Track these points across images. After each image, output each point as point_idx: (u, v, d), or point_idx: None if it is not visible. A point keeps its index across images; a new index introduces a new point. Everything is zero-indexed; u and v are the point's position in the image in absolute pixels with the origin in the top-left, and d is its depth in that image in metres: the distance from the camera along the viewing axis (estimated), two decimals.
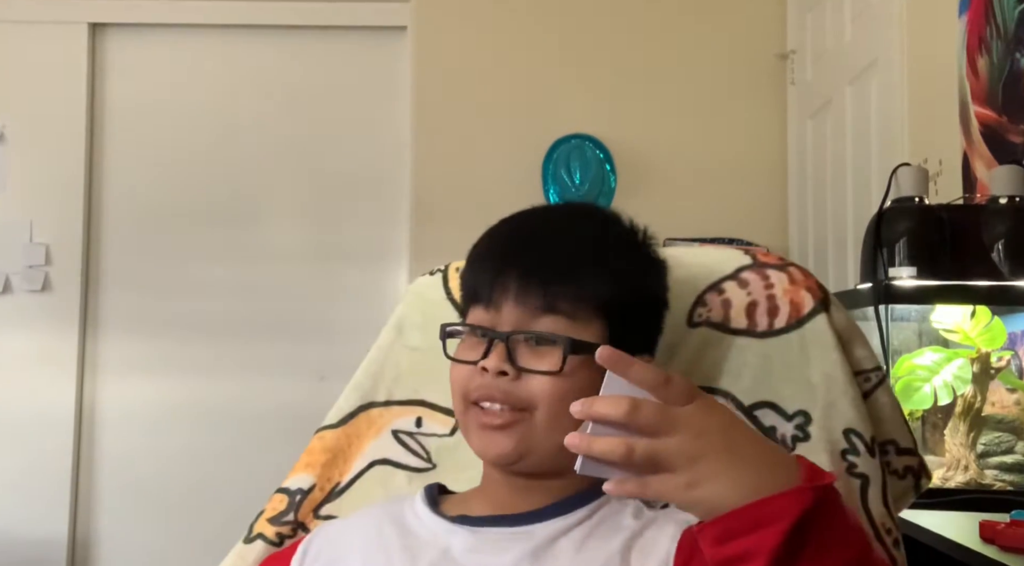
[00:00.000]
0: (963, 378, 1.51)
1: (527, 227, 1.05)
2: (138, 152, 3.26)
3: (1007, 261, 1.56)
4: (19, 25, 3.23)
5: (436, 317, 1.13)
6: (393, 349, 1.21)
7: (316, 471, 1.17)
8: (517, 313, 0.95)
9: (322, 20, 3.26)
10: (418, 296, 1.22)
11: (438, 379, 1.11)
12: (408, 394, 1.19)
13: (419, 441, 1.17)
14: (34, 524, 3.10)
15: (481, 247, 1.04)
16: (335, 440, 1.18)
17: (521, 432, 0.94)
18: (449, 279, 1.20)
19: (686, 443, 0.71)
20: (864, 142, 2.46)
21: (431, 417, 1.17)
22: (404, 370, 1.20)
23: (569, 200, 0.91)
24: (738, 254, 1.11)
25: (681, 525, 0.91)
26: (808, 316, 1.05)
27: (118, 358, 3.21)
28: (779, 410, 1.03)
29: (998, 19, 1.84)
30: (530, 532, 0.94)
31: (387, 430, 1.18)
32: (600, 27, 3.17)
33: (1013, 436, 1.52)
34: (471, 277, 1.01)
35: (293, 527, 1.13)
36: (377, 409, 1.19)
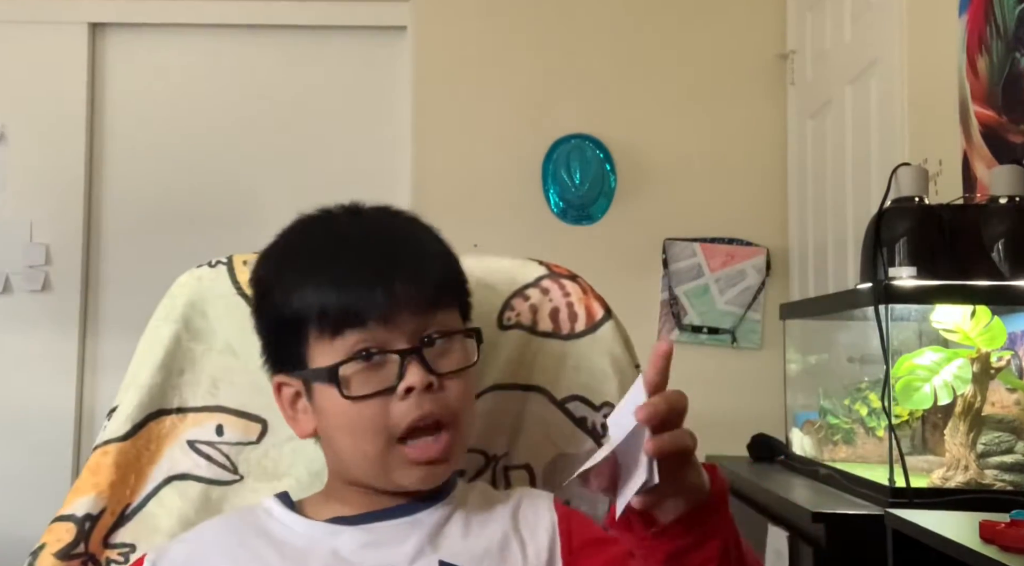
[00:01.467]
0: (963, 378, 1.51)
1: (363, 230, 1.00)
2: (138, 152, 3.26)
3: (1007, 261, 1.56)
4: (19, 25, 3.23)
5: (229, 314, 1.11)
6: (180, 349, 1.11)
7: (104, 492, 1.05)
8: (412, 321, 0.92)
9: (322, 20, 3.26)
10: (201, 290, 1.14)
11: (237, 382, 1.09)
12: (204, 400, 1.10)
13: (221, 450, 1.08)
14: (34, 523, 3.09)
15: (328, 265, 0.95)
16: (123, 455, 1.06)
17: (454, 450, 0.94)
18: (236, 272, 1.13)
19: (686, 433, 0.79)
20: (864, 142, 2.46)
21: (233, 424, 1.09)
22: (198, 373, 1.11)
23: (384, 208, 0.91)
24: (534, 264, 1.20)
25: (549, 497, 0.99)
26: (601, 321, 1.17)
27: (118, 358, 3.18)
28: (588, 403, 1.14)
29: (998, 19, 1.84)
30: (418, 520, 0.93)
31: (182, 440, 1.08)
32: (600, 27, 3.17)
33: (1013, 436, 1.52)
34: (336, 300, 0.91)
35: (84, 561, 1.02)
36: (170, 418, 1.09)
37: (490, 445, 1.10)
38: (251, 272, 1.05)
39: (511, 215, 3.09)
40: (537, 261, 1.21)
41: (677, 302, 3.08)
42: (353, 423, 0.91)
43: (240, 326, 1.09)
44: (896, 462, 1.52)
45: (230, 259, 1.16)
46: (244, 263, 1.14)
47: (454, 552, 0.92)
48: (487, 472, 1.10)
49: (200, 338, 1.12)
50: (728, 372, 3.03)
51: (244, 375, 1.09)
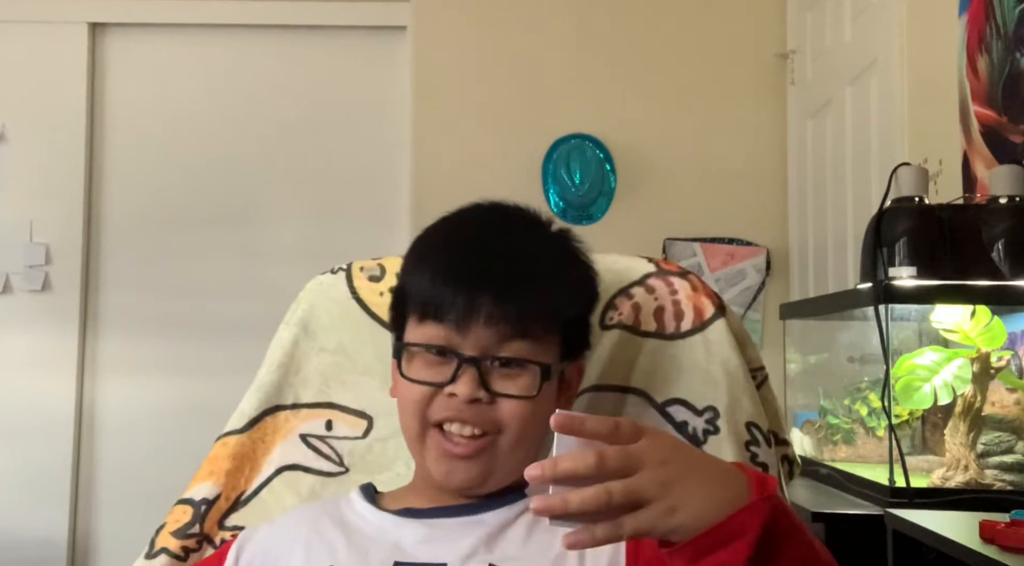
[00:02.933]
0: (963, 378, 1.51)
1: (489, 240, 1.00)
2: (138, 152, 3.26)
3: (1007, 261, 1.56)
4: (19, 25, 3.22)
5: (343, 318, 1.18)
6: (298, 350, 1.18)
7: (220, 479, 1.13)
8: (487, 336, 0.94)
9: (322, 20, 3.26)
10: (321, 295, 1.20)
11: (348, 381, 1.16)
12: (316, 397, 1.16)
13: (330, 444, 1.15)
14: (34, 524, 3.10)
15: (442, 256, 0.98)
16: (240, 446, 1.14)
17: (486, 458, 0.95)
18: (354, 278, 1.20)
19: (655, 473, 0.71)
20: (864, 142, 2.46)
21: (341, 420, 1.15)
22: (312, 372, 1.17)
23: (527, 216, 0.92)
24: (643, 262, 1.18)
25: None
26: (710, 320, 1.13)
27: (118, 358, 3.20)
28: (689, 406, 1.11)
29: (998, 19, 1.84)
30: (481, 521, 0.95)
31: (295, 434, 1.15)
32: (600, 27, 3.17)
33: (1013, 436, 1.52)
34: (428, 290, 0.96)
35: (199, 540, 1.09)
36: (284, 413, 1.16)
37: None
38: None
39: None
40: (647, 258, 1.18)
41: None
42: (404, 398, 0.98)
43: (352, 329, 1.18)
44: (896, 462, 1.52)
45: (349, 266, 1.22)
46: (361, 270, 1.21)
47: (508, 556, 0.92)
48: None
49: (315, 339, 1.18)
50: None
51: (353, 374, 1.16)
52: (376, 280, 1.20)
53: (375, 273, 1.21)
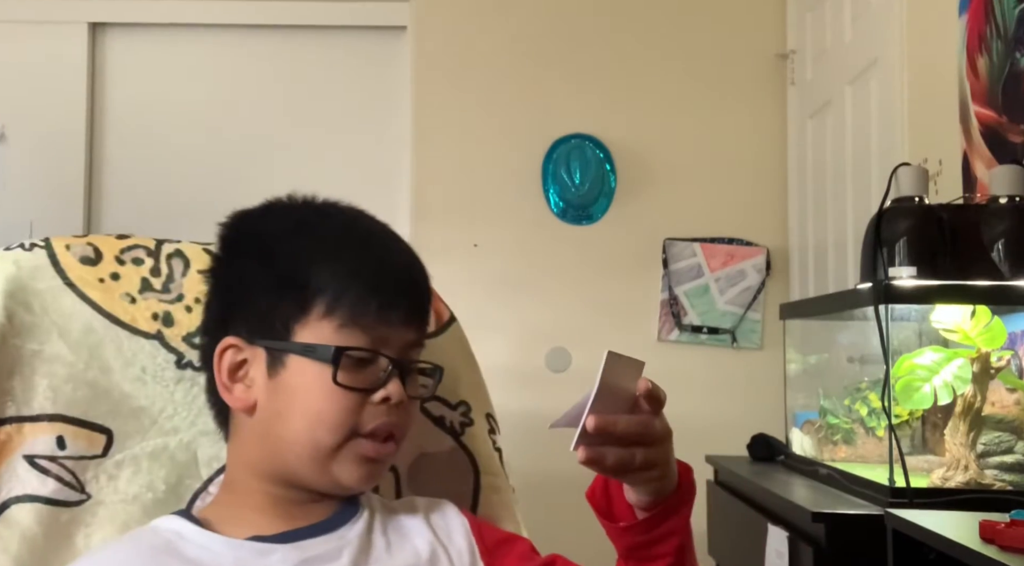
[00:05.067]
0: (963, 378, 1.51)
1: (389, 242, 1.00)
2: (138, 152, 3.26)
3: (1007, 261, 1.56)
4: (19, 25, 3.22)
5: (57, 308, 1.00)
6: (6, 348, 0.97)
7: None
8: (408, 338, 0.95)
9: (322, 20, 3.26)
10: (20, 280, 1.01)
11: (77, 387, 0.98)
12: (42, 407, 0.96)
13: (64, 466, 0.96)
14: None
15: (362, 255, 0.95)
16: None
17: (391, 462, 0.99)
18: (59, 258, 1.03)
19: (667, 447, 0.85)
20: (864, 142, 2.46)
21: (74, 435, 0.96)
22: (30, 377, 0.97)
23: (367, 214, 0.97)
24: None
25: (452, 504, 1.01)
26: (448, 322, 1.19)
27: None
28: (445, 402, 1.15)
29: (998, 19, 1.84)
30: (342, 536, 0.92)
31: (19, 455, 0.95)
32: (600, 27, 3.17)
33: (1013, 436, 1.52)
34: (356, 292, 0.91)
35: None
36: (3, 430, 0.95)
37: None
38: (235, 222, 1.01)
39: (511, 215, 3.09)
40: None
41: (677, 302, 3.08)
42: (322, 409, 0.89)
43: (73, 324, 1.00)
44: (896, 462, 1.52)
45: (48, 242, 1.05)
46: (67, 248, 1.05)
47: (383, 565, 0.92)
48: None
49: (29, 336, 0.98)
50: (728, 372, 3.03)
51: (83, 379, 0.99)
52: (91, 263, 1.05)
53: (87, 254, 1.05)
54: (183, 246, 1.14)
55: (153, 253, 1.09)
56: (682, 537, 0.88)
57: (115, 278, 1.05)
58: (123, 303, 1.03)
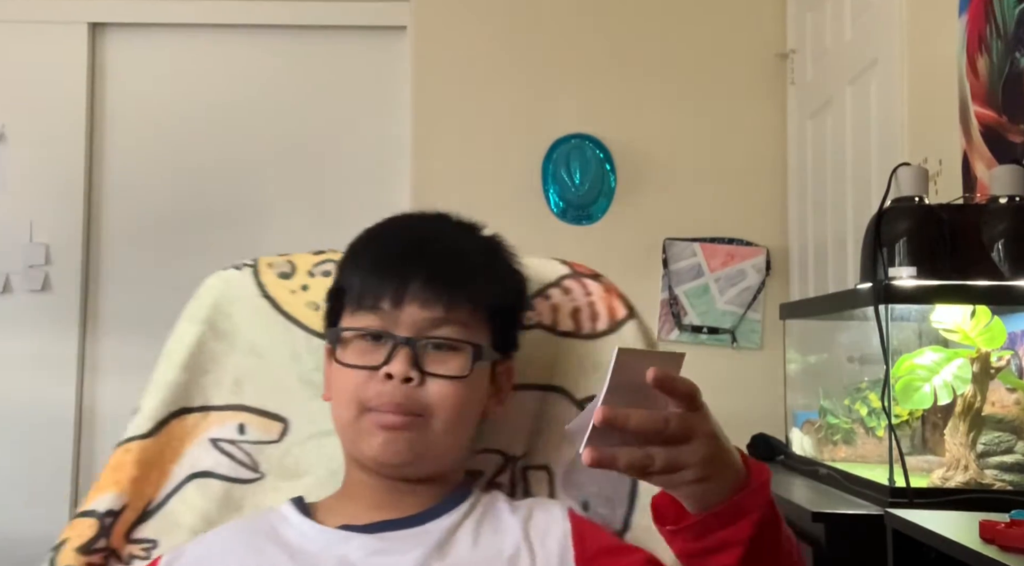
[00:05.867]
0: (963, 378, 1.51)
1: (419, 233, 1.05)
2: (138, 152, 3.26)
3: (1007, 261, 1.56)
4: (19, 25, 3.23)
5: (254, 317, 1.15)
6: (206, 349, 1.13)
7: (125, 488, 1.06)
8: (421, 316, 0.96)
9: (322, 20, 3.26)
10: (227, 293, 1.16)
11: (260, 382, 1.13)
12: (228, 399, 1.12)
13: (243, 449, 1.10)
14: (34, 524, 3.10)
15: (372, 250, 1.02)
16: (144, 452, 1.08)
17: (419, 436, 0.97)
18: (261, 274, 1.17)
19: (703, 446, 0.77)
20: (864, 142, 2.46)
21: (254, 423, 1.11)
22: (221, 373, 1.13)
23: (454, 220, 0.97)
24: (557, 264, 1.19)
25: (563, 506, 1.00)
26: (623, 321, 1.15)
27: (118, 358, 3.20)
28: None
29: (998, 19, 1.84)
30: (426, 530, 0.96)
31: (205, 438, 1.10)
32: (600, 27, 3.17)
33: (1013, 436, 1.52)
34: (360, 279, 0.99)
35: (105, 555, 1.03)
36: (193, 416, 1.11)
37: (509, 446, 1.10)
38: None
39: (511, 215, 3.08)
40: (560, 260, 1.20)
41: (677, 302, 3.08)
42: (339, 388, 0.98)
43: (264, 327, 1.14)
44: (896, 462, 1.52)
45: (256, 262, 1.19)
46: (269, 266, 1.18)
47: (460, 561, 0.93)
48: (506, 473, 1.10)
49: (224, 339, 1.14)
50: (728, 372, 3.03)
51: (266, 375, 1.13)
52: (286, 277, 1.18)
53: (285, 270, 1.19)
54: None
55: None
56: (745, 550, 0.79)
57: (304, 289, 1.17)
58: (307, 310, 1.15)
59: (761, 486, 0.80)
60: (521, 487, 1.09)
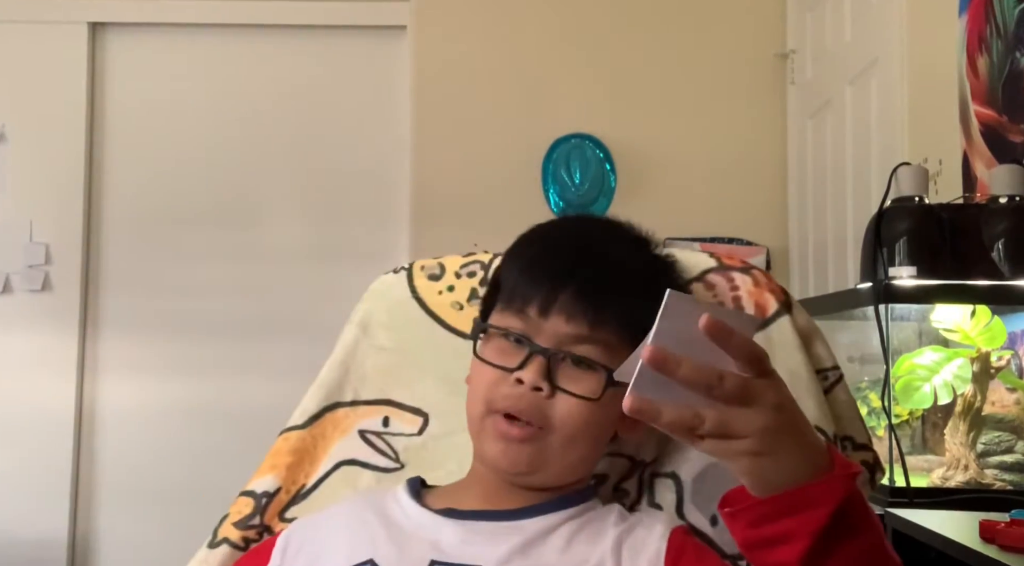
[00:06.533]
0: (963, 378, 1.51)
1: (582, 240, 1.02)
2: (138, 152, 3.26)
3: (1007, 261, 1.56)
4: (19, 25, 3.23)
5: (403, 317, 1.19)
6: (359, 348, 1.20)
7: (281, 473, 1.15)
8: (564, 330, 0.94)
9: (322, 20, 3.26)
10: (382, 295, 1.22)
11: (405, 379, 1.18)
12: (375, 394, 1.18)
13: (387, 441, 1.16)
14: (34, 523, 3.10)
15: (534, 251, 1.01)
16: (300, 441, 1.17)
17: (538, 448, 0.95)
18: (414, 277, 1.21)
19: (764, 416, 0.71)
20: (864, 142, 2.46)
21: (398, 417, 1.16)
22: (370, 370, 1.19)
23: (614, 224, 0.94)
24: (703, 257, 1.13)
25: (668, 525, 0.95)
26: (773, 317, 1.08)
27: (118, 358, 3.20)
28: None
29: (998, 19, 1.85)
30: (520, 527, 0.94)
31: (354, 430, 1.17)
32: (600, 27, 3.17)
33: (1013, 436, 1.52)
34: (516, 278, 0.98)
35: (259, 531, 1.12)
36: (343, 409, 1.18)
37: (638, 450, 1.06)
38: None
39: (511, 215, 3.07)
40: (708, 253, 1.14)
41: None
42: (475, 382, 0.99)
43: (411, 327, 1.19)
44: (896, 462, 1.52)
45: (411, 266, 1.23)
46: (422, 268, 1.22)
47: (544, 563, 0.92)
48: (632, 479, 1.06)
49: (374, 337, 1.20)
50: None
51: (411, 372, 1.18)
52: (436, 279, 1.21)
53: (435, 272, 1.22)
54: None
55: (485, 266, 1.20)
56: (810, 545, 0.71)
57: (451, 290, 1.20)
58: (451, 310, 1.18)
59: (844, 478, 0.73)
60: (647, 494, 1.05)
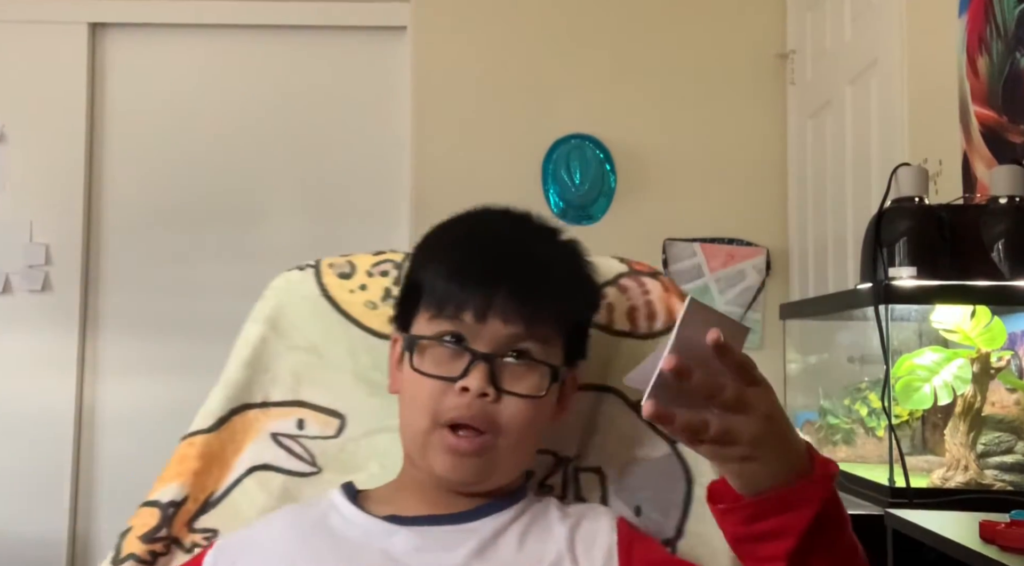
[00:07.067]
0: (963, 378, 1.51)
1: (504, 241, 1.01)
2: (138, 152, 3.26)
3: (1007, 261, 1.56)
4: (19, 25, 3.23)
5: (314, 316, 1.17)
6: (268, 347, 1.17)
7: (188, 480, 1.09)
8: (503, 332, 0.94)
9: (322, 20, 3.26)
10: (289, 293, 1.19)
11: (319, 379, 1.15)
12: (287, 395, 1.14)
13: (302, 444, 1.12)
14: (34, 523, 3.10)
15: (458, 254, 0.99)
16: (207, 446, 1.12)
17: (488, 457, 0.95)
18: (323, 275, 1.18)
19: (756, 424, 0.77)
20: (864, 142, 2.46)
21: (313, 418, 1.13)
22: (281, 370, 1.15)
23: (535, 223, 0.95)
24: (615, 262, 1.16)
25: (612, 517, 0.98)
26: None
27: (118, 358, 3.20)
28: None
29: (998, 19, 1.85)
30: (472, 529, 0.94)
31: (266, 433, 1.13)
32: (600, 27, 3.17)
33: (1013, 436, 1.52)
34: (444, 284, 0.96)
35: (167, 544, 1.06)
36: (253, 411, 1.14)
37: (561, 447, 1.09)
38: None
39: None
40: (617, 258, 1.17)
41: None
42: (415, 395, 0.96)
43: (322, 327, 1.16)
44: (896, 462, 1.52)
45: (318, 262, 1.21)
46: (331, 266, 1.20)
47: (502, 563, 0.92)
48: (557, 474, 1.08)
49: (285, 337, 1.17)
50: None
51: (325, 373, 1.15)
52: (346, 277, 1.18)
53: (345, 270, 1.19)
54: None
55: (398, 266, 1.17)
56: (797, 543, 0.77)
57: (363, 288, 1.17)
58: (365, 309, 1.16)
59: (824, 479, 0.79)
60: (573, 489, 1.07)
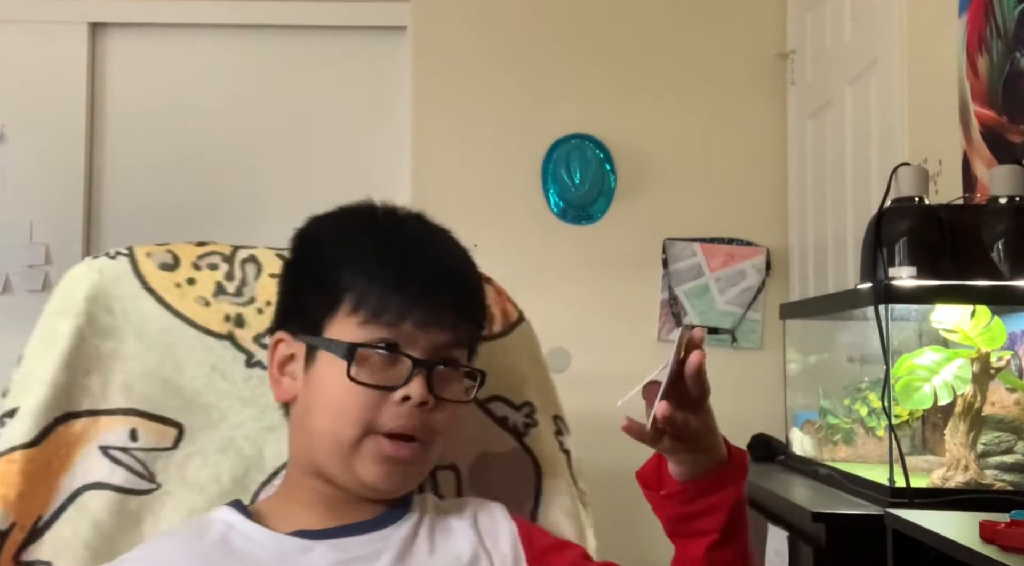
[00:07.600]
0: (963, 378, 1.51)
1: (426, 246, 1.00)
2: (138, 152, 3.26)
3: (1007, 261, 1.56)
4: (19, 25, 3.22)
5: (136, 312, 1.07)
6: (86, 347, 1.04)
7: (12, 504, 0.95)
8: (441, 339, 0.94)
9: (322, 20, 3.26)
10: (101, 285, 1.07)
11: (150, 384, 1.04)
12: (116, 402, 1.03)
13: (136, 457, 1.01)
14: None
15: (390, 257, 0.96)
16: (31, 463, 0.97)
17: (420, 464, 0.96)
18: (140, 265, 1.09)
19: (704, 420, 0.88)
20: (864, 142, 2.46)
21: (147, 428, 1.02)
22: (107, 373, 1.04)
23: (405, 210, 0.94)
24: None
25: (503, 507, 1.01)
26: (516, 322, 1.18)
27: None
28: (508, 402, 1.14)
29: (998, 19, 1.84)
30: (386, 536, 0.94)
31: (94, 446, 1.01)
32: (600, 27, 3.17)
33: (1013, 436, 1.52)
34: (377, 291, 0.93)
35: None
36: (80, 421, 1.01)
37: None
38: (304, 224, 1.05)
39: (511, 215, 3.09)
40: None
41: (677, 302, 3.08)
42: (343, 404, 0.91)
43: (149, 324, 1.07)
44: (896, 462, 1.52)
45: (131, 250, 1.12)
46: (148, 255, 1.11)
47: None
48: None
49: (107, 336, 1.05)
50: (728, 372, 3.01)
51: (157, 376, 1.05)
52: (169, 269, 1.11)
53: (166, 260, 1.12)
54: (257, 251, 1.21)
55: (228, 259, 1.15)
56: (728, 516, 0.89)
57: (191, 283, 1.11)
58: (197, 306, 1.09)
59: (741, 463, 0.91)
60: (430, 487, 1.08)
